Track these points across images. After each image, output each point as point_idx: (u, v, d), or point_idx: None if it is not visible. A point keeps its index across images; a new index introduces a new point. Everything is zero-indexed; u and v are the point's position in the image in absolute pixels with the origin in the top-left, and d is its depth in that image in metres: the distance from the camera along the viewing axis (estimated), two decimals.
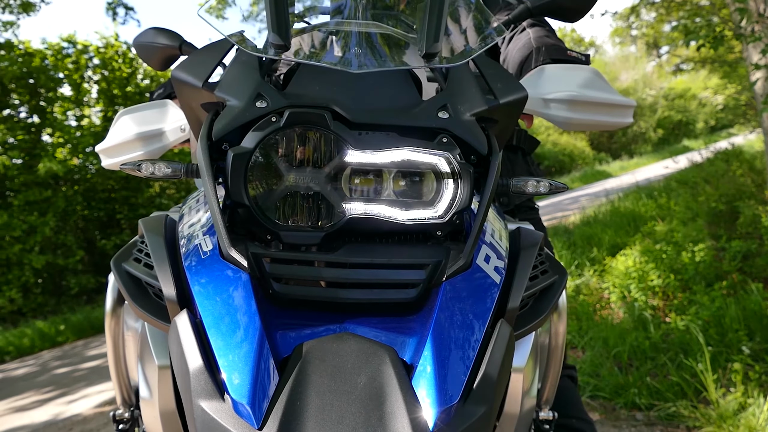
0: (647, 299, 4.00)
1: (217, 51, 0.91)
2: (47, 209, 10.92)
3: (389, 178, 0.79)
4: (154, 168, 0.87)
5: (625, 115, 1.10)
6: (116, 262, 0.89)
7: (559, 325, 1.01)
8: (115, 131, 1.28)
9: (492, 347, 0.71)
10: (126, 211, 12.42)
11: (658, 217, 6.29)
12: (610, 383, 2.96)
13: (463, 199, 0.78)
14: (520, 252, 0.88)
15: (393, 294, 0.76)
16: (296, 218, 0.79)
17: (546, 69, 1.10)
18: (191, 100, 0.90)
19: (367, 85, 0.83)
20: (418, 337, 0.72)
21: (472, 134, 0.81)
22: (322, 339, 0.70)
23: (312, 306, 0.78)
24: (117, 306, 1.00)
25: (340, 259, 0.76)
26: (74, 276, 11.54)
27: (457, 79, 0.87)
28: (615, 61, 33.44)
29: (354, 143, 0.77)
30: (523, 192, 0.89)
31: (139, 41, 1.30)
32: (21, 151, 11.39)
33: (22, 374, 6.79)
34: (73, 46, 12.21)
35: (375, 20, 0.94)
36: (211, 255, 0.77)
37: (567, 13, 1.14)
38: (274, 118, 0.78)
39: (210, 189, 0.75)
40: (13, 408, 5.03)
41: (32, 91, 11.61)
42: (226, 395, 0.65)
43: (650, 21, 11.83)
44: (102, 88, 12.49)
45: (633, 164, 22.37)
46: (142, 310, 0.82)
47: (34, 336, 8.73)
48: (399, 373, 0.66)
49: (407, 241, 0.82)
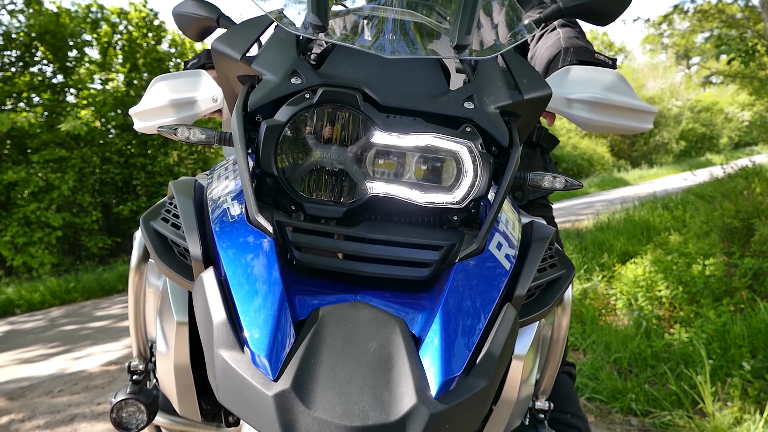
0: (653, 309, 4.01)
1: (257, 26, 0.94)
2: (65, 168, 11.06)
3: (412, 161, 0.82)
4: (189, 133, 0.91)
5: (645, 121, 1.13)
6: (145, 220, 0.93)
7: (562, 319, 1.04)
8: (149, 96, 1.32)
9: (497, 328, 0.75)
10: (143, 177, 12.55)
11: (672, 229, 6.27)
12: (608, 387, 2.99)
13: (481, 187, 0.81)
14: (531, 243, 0.91)
15: (407, 271, 0.79)
16: (320, 192, 0.83)
17: (572, 69, 1.13)
18: (228, 71, 0.94)
19: (398, 71, 0.86)
20: (428, 312, 0.75)
21: (495, 126, 0.84)
22: (338, 306, 0.74)
23: (330, 276, 0.82)
24: (141, 263, 1.04)
25: (359, 234, 0.80)
26: (89, 236, 11.72)
27: (484, 72, 0.90)
28: (643, 68, 33.03)
29: (382, 125, 0.80)
30: (540, 186, 0.92)
31: (179, 11, 1.34)
32: (44, 108, 11.54)
33: (30, 328, 6.94)
34: (101, 10, 12.30)
35: (410, 8, 0.97)
36: (239, 219, 0.81)
37: (598, 16, 1.16)
38: (308, 95, 0.81)
39: (242, 157, 0.79)
40: (19, 359, 5.15)
41: (56, 50, 11.70)
42: (245, 348, 0.69)
43: (683, 30, 11.68)
44: (126, 53, 12.58)
45: (652, 174, 22.18)
46: (167, 267, 0.86)
47: (45, 292, 8.91)
48: (407, 343, 0.69)
49: (424, 224, 0.86)
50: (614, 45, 35.57)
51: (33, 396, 3.97)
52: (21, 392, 4.09)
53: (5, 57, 11.47)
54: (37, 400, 3.87)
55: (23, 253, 10.36)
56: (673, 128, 27.82)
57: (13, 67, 11.59)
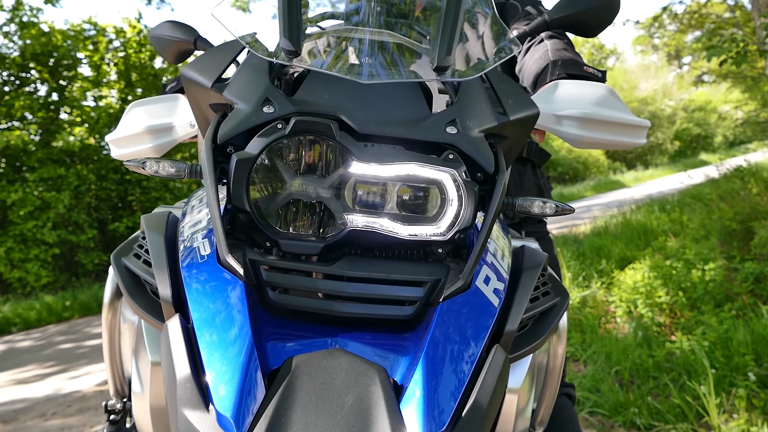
0: (654, 316, 3.96)
1: (229, 51, 0.90)
2: (61, 186, 11.04)
3: (393, 191, 0.78)
4: (159, 166, 0.86)
5: (638, 136, 1.08)
6: (116, 257, 0.89)
7: (558, 347, 1.00)
8: (125, 122, 1.28)
9: (485, 374, 0.70)
10: (138, 193, 12.50)
11: (670, 233, 6.23)
12: (610, 400, 2.93)
13: (466, 218, 0.76)
14: (522, 272, 0.86)
15: (389, 310, 0.75)
16: (297, 226, 0.78)
17: (560, 84, 1.09)
18: (200, 99, 0.90)
19: (376, 95, 0.82)
20: (411, 356, 0.70)
21: (479, 151, 0.79)
22: (313, 354, 0.69)
23: (306, 316, 0.77)
24: (115, 299, 1.00)
25: (338, 272, 0.75)
26: (85, 253, 11.67)
27: (468, 93, 0.85)
28: (635, 69, 33.15)
29: (359, 155, 0.76)
30: (529, 212, 0.87)
31: (154, 33, 1.30)
32: (39, 126, 11.52)
33: (27, 347, 6.87)
34: (94, 28, 12.30)
35: (388, 27, 0.92)
36: (209, 259, 0.77)
37: (585, 27, 1.12)
38: (280, 124, 0.77)
39: (211, 193, 0.75)
40: (14, 380, 5.09)
41: (51, 70, 11.72)
42: (210, 406, 0.64)
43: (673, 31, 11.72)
44: (120, 70, 12.58)
45: (648, 175, 22.22)
46: (139, 307, 0.82)
47: (42, 309, 8.85)
48: (387, 396, 0.65)
49: (407, 257, 0.81)
50: (605, 47, 35.69)
51: (26, 419, 3.91)
52: (14, 415, 4.03)
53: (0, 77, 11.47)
54: (29, 423, 3.81)
55: (19, 269, 10.30)
56: (667, 128, 27.89)
57: (7, 86, 11.56)
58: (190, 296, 0.73)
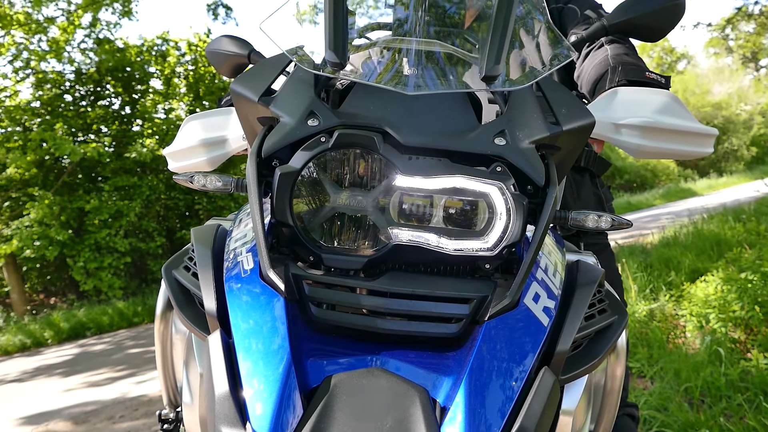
0: (727, 331, 3.73)
1: (277, 65, 0.91)
2: (133, 195, 11.55)
3: (439, 204, 0.76)
4: (206, 180, 0.87)
5: (704, 145, 1.01)
6: (167, 269, 0.90)
7: (616, 367, 0.94)
8: (181, 136, 1.31)
9: (531, 398, 0.66)
10: (205, 202, 12.93)
11: (745, 243, 5.89)
12: (679, 420, 2.78)
13: (514, 233, 0.73)
14: (576, 289, 0.82)
15: (433, 328, 0.72)
16: (341, 240, 0.77)
17: (619, 91, 1.03)
18: (248, 113, 0.90)
19: (422, 106, 0.80)
20: (454, 377, 0.68)
21: (529, 163, 0.76)
22: (353, 373, 0.68)
23: (348, 333, 0.76)
24: (167, 310, 1.02)
25: (382, 288, 0.73)
26: (154, 260, 12.15)
27: (518, 103, 0.82)
28: (708, 73, 31.72)
29: (403, 168, 0.74)
30: (582, 226, 0.83)
31: (211, 48, 1.33)
32: (113, 138, 12.12)
33: (99, 350, 7.21)
34: (166, 43, 12.84)
35: (437, 37, 0.91)
36: (252, 274, 0.77)
37: (647, 32, 1.06)
38: (324, 137, 0.76)
39: (255, 207, 0.75)
40: (87, 383, 5.35)
41: (125, 84, 12.30)
42: (248, 424, 0.64)
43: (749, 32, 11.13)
44: (190, 83, 13.07)
45: (722, 183, 21.18)
46: (187, 320, 0.83)
47: (114, 315, 9.27)
48: (428, 419, 0.62)
49: (453, 272, 0.79)
50: (675, 50, 34.33)
51: (96, 421, 4.09)
52: (86, 417, 4.22)
53: (77, 92, 12.13)
54: (99, 425, 3.98)
55: (94, 278, 10.82)
56: (743, 134, 26.54)
57: (84, 100, 12.23)
58: (232, 311, 0.73)
